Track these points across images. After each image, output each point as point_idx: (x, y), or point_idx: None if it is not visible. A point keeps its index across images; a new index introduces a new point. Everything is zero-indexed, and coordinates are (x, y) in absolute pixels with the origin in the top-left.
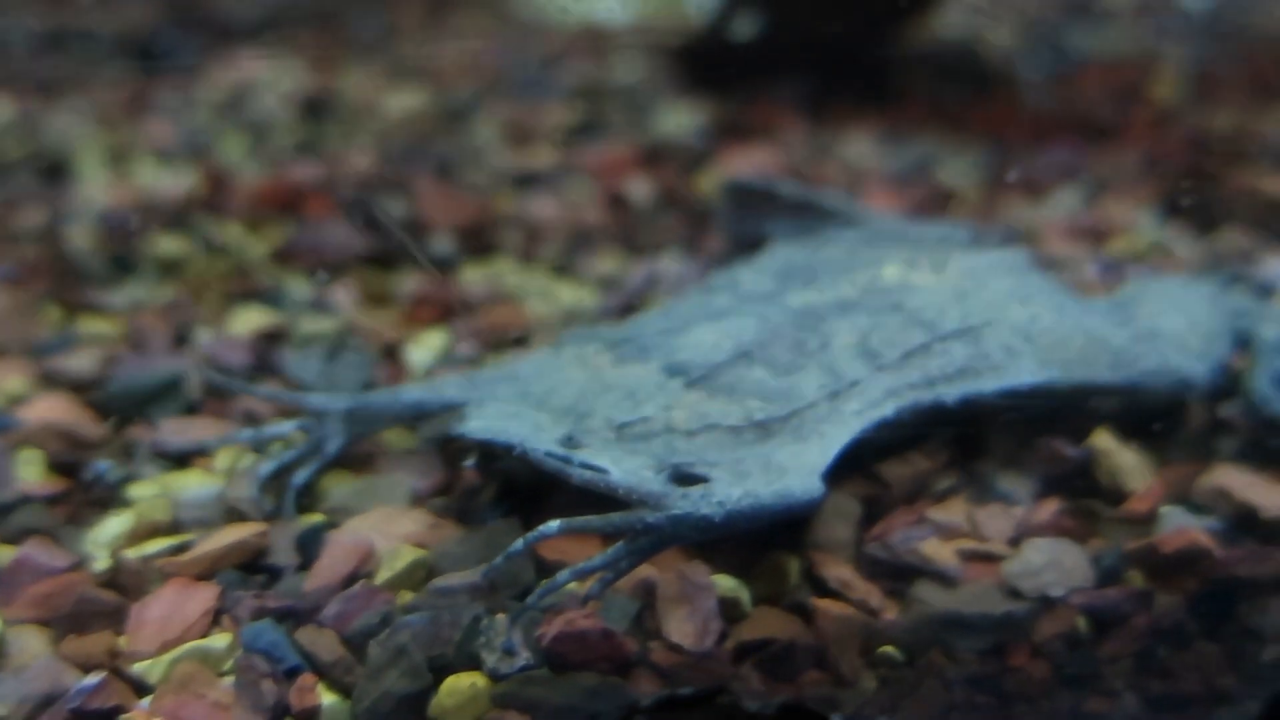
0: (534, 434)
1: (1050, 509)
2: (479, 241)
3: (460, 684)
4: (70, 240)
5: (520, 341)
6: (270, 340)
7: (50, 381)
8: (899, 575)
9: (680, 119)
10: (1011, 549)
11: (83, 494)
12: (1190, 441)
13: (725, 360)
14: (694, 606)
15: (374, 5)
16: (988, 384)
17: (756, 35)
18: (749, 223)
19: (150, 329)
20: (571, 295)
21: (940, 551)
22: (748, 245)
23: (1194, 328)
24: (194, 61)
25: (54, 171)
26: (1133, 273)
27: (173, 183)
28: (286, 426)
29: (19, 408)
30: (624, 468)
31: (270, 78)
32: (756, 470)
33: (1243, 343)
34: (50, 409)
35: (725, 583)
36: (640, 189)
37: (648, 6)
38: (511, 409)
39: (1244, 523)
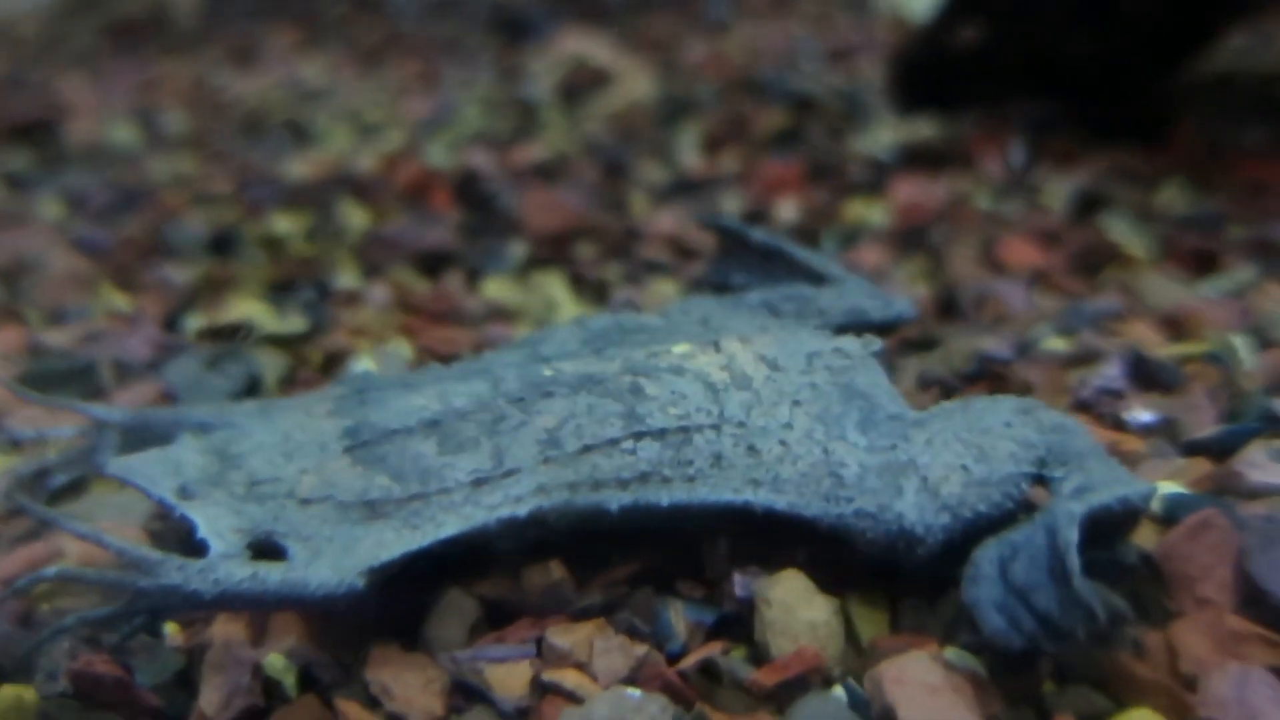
0: (162, 479)
1: (695, 657)
2: (555, 251)
3: (9, 693)
4: (177, 217)
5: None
6: (228, 335)
7: (33, 352)
8: (468, 695)
9: (882, 135)
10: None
11: None
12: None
13: (401, 428)
14: (227, 677)
15: None
16: (665, 495)
17: (980, 46)
18: (722, 266)
19: (143, 312)
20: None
21: (513, 679)
22: (720, 288)
23: (969, 470)
24: (549, 36)
25: (300, 137)
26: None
27: (366, 159)
28: (66, 431)
29: None
30: (214, 527)
31: (577, 55)
32: (334, 551)
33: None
34: None
35: (276, 663)
36: (789, 210)
37: None
38: (176, 451)
39: None
